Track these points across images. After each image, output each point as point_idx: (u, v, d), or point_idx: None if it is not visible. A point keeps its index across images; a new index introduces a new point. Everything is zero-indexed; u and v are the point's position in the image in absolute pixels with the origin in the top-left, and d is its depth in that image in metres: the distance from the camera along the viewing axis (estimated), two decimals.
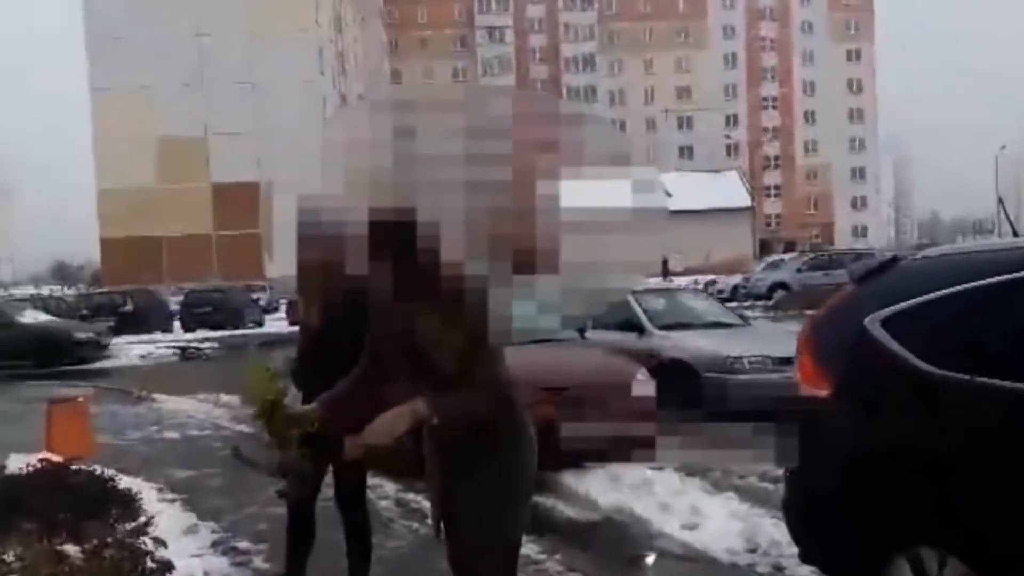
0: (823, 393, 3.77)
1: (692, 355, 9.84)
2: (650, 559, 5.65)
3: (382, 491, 7.10)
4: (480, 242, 2.79)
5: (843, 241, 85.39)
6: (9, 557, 3.89)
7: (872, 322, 3.65)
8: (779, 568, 5.15)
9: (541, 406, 6.75)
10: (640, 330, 10.46)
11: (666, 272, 55.75)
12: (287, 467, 3.28)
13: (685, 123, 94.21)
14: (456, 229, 2.78)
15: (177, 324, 32.76)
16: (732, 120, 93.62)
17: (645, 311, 10.73)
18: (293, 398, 3.39)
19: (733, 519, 5.90)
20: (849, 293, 4.04)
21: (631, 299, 10.33)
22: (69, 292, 56.98)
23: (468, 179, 2.81)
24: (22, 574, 3.67)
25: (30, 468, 5.60)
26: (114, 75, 58.55)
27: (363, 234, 2.81)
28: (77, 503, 4.88)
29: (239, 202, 44.78)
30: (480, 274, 2.76)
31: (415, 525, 6.23)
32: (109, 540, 4.12)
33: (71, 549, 3.93)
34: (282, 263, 3.04)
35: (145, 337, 28.78)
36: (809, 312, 20.12)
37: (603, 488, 6.73)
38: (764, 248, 70.46)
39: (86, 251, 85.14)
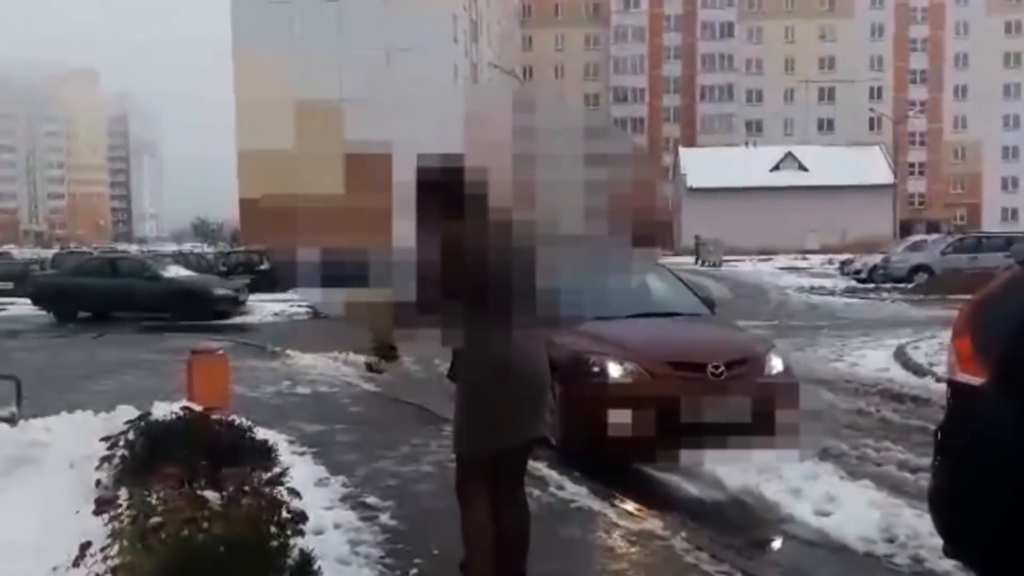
0: (981, 380, 3.56)
1: None
2: (777, 543, 5.50)
3: None
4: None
5: (991, 224, 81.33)
6: (153, 500, 4.05)
7: None
8: (918, 560, 4.94)
9: (672, 382, 6.65)
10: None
11: (699, 254, 52.61)
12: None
13: (826, 95, 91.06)
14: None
15: None
16: (876, 93, 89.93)
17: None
18: None
19: (870, 507, 5.66)
20: (1013, 276, 3.79)
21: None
22: (209, 249, 59.34)
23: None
24: (164, 516, 3.80)
25: (173, 416, 5.81)
26: (256, 40, 60.21)
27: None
28: (216, 451, 5.05)
29: (369, 167, 45.73)
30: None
31: (536, 492, 6.21)
32: (246, 488, 4.24)
33: (211, 495, 4.06)
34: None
35: (279, 295, 29.66)
36: (952, 297, 19.29)
37: (730, 469, 6.57)
38: (905, 228, 67.64)
39: (227, 210, 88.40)
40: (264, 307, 24.67)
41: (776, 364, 7.06)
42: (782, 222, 65.24)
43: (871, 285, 31.29)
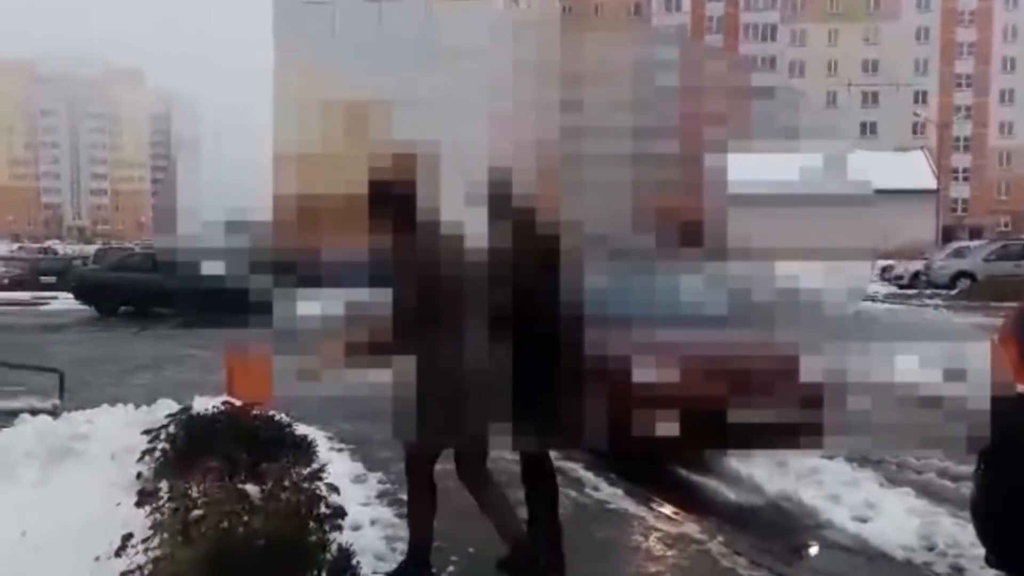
0: None
1: None
2: (814, 549, 5.45)
3: None
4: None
5: None
6: (194, 493, 4.10)
7: None
8: (959, 569, 4.88)
9: (708, 384, 6.60)
10: None
11: None
12: None
13: (870, 98, 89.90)
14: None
15: None
16: (921, 97, 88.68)
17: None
18: None
19: (910, 515, 5.60)
20: None
21: None
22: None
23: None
24: (206, 509, 3.85)
25: (213, 410, 5.87)
26: (297, 40, 60.73)
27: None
28: (256, 446, 5.10)
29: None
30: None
31: (573, 493, 6.21)
32: (286, 483, 4.28)
33: (251, 489, 4.10)
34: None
35: None
36: (995, 304, 18.97)
37: (769, 474, 6.53)
38: (947, 234, 66.65)
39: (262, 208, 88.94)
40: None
41: (815, 367, 6.98)
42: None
43: (913, 291, 30.91)
